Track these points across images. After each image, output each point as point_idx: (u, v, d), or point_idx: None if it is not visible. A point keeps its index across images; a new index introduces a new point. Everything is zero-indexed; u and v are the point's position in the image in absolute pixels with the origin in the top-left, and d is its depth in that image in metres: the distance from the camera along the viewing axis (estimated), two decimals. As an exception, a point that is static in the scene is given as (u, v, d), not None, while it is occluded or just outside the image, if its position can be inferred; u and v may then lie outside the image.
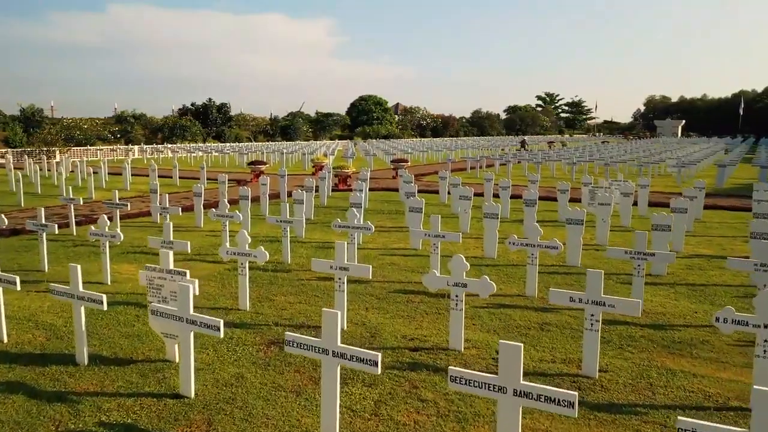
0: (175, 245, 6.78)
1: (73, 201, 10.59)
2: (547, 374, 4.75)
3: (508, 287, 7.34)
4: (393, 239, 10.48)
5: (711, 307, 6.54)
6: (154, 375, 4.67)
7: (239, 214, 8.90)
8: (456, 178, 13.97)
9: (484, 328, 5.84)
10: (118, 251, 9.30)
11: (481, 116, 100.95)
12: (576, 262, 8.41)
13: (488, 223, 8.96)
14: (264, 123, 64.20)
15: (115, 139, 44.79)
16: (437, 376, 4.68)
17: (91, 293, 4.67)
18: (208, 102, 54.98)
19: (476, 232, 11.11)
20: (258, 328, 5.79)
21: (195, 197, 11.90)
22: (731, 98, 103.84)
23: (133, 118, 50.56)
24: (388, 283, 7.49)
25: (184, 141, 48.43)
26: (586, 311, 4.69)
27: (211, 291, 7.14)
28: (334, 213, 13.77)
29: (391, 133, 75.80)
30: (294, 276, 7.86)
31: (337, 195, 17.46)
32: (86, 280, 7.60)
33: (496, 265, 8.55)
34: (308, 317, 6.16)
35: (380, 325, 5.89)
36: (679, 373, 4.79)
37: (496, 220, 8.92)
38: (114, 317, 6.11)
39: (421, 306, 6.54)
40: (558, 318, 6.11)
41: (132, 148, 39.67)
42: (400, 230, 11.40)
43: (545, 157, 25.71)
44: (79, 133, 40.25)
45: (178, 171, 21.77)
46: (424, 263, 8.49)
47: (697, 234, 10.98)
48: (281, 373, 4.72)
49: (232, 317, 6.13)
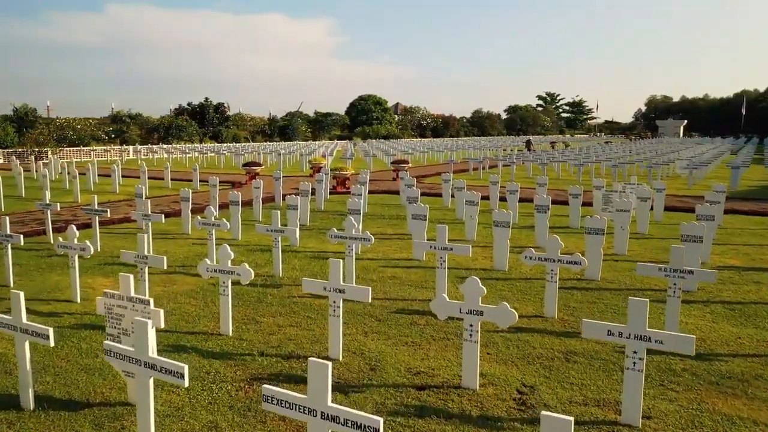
0: (150, 260, 6.03)
1: (49, 207, 9.81)
2: (580, 422, 3.98)
3: (523, 306, 6.57)
4: (394, 248, 9.71)
5: (755, 331, 5.78)
6: (111, 424, 3.90)
7: (226, 222, 8.13)
8: (461, 181, 13.20)
9: (500, 359, 5.07)
10: (95, 262, 8.54)
11: (482, 116, 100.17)
12: (596, 275, 7.65)
13: (499, 233, 8.20)
14: (262, 123, 63.39)
15: (109, 139, 43.95)
16: (449, 425, 3.91)
17: (36, 326, 3.90)
18: (205, 102, 54.12)
19: (483, 240, 10.34)
20: (240, 360, 5.02)
21: (182, 202, 11.13)
22: (733, 98, 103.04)
23: (129, 118, 49.76)
24: (389, 301, 6.72)
25: (180, 141, 47.64)
26: (628, 348, 3.92)
27: (191, 311, 6.37)
28: (331, 218, 13.00)
29: (391, 133, 75.02)
30: (285, 292, 7.09)
31: (335, 198, 16.69)
32: (53, 297, 6.88)
33: (508, 278, 7.79)
34: (299, 344, 5.39)
35: (381, 355, 5.13)
36: (736, 419, 4.02)
37: (507, 229, 8.16)
38: (75, 344, 5.34)
39: (427, 330, 5.78)
40: (584, 346, 5.34)
41: (126, 149, 38.87)
42: (402, 238, 10.63)
43: (550, 158, 24.94)
44: (72, 134, 39.39)
45: (170, 173, 20.98)
46: (429, 276, 7.73)
47: (721, 242, 10.21)
48: (262, 422, 3.95)
49: (211, 344, 5.36)
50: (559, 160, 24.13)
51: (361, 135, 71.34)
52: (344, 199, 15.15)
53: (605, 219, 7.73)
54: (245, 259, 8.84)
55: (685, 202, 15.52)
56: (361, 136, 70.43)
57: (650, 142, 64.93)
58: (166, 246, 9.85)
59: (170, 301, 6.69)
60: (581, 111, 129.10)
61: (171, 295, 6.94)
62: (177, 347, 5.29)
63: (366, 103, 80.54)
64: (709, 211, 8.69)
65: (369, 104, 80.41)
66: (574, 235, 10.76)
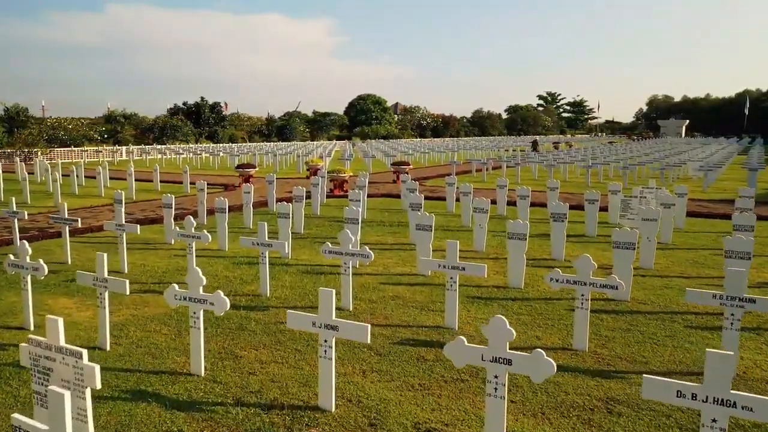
0: (110, 284, 5.12)
1: (16, 215, 8.90)
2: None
3: (547, 335, 5.67)
4: (396, 260, 8.81)
5: (826, 368, 4.88)
6: None
7: (207, 235, 7.22)
8: (466, 185, 12.30)
9: (528, 409, 4.17)
10: (61, 278, 7.63)
11: (483, 116, 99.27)
12: (626, 296, 6.75)
13: (514, 246, 7.29)
14: (260, 123, 62.40)
15: (102, 140, 42.94)
16: None
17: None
18: (201, 101, 53.06)
19: (493, 251, 9.44)
20: (210, 411, 4.11)
21: (164, 209, 10.21)
22: (735, 98, 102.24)
23: (124, 118, 48.77)
24: (391, 329, 5.82)
25: (175, 142, 46.69)
26: (705, 414, 3.02)
27: (160, 341, 5.46)
28: (327, 226, 12.09)
29: (391, 133, 74.11)
30: (272, 316, 6.18)
31: (332, 203, 15.78)
32: (4, 324, 5.95)
33: (526, 298, 6.89)
34: (284, 388, 4.48)
35: (383, 404, 4.23)
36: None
37: (524, 242, 7.25)
38: (13, 390, 4.42)
39: (436, 368, 4.87)
40: (627, 391, 4.44)
41: (119, 149, 37.92)
42: (404, 248, 9.72)
43: (556, 159, 24.03)
44: (63, 134, 38.34)
45: (159, 174, 20.06)
46: (436, 295, 6.83)
47: (756, 253, 9.31)
48: None
49: (178, 389, 4.45)
50: (566, 161, 23.21)
51: (361, 135, 70.44)
52: (342, 203, 14.25)
53: (636, 231, 6.84)
54: (230, 273, 7.94)
55: (704, 206, 14.62)
56: (360, 137, 69.52)
57: (654, 142, 64.05)
58: (145, 258, 8.94)
59: (138, 329, 5.78)
60: (582, 111, 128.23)
61: (140, 321, 6.03)
62: (136, 393, 4.37)
63: (365, 103, 79.55)
64: (749, 221, 7.79)
65: (368, 104, 79.42)
66: (592, 245, 9.86)
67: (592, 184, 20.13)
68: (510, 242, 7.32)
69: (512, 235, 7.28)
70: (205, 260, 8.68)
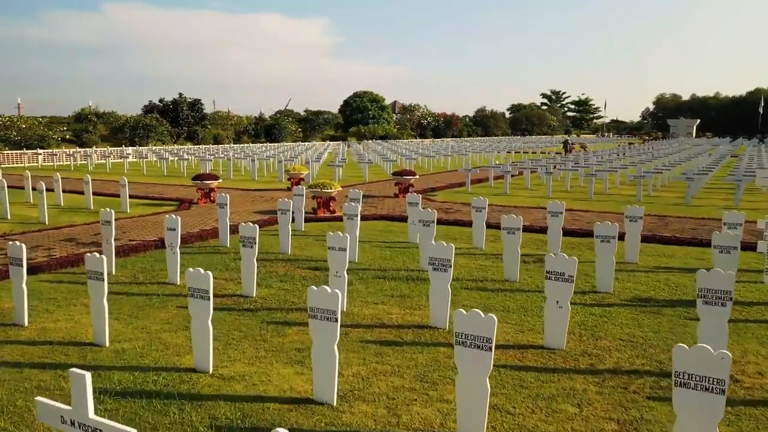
0: None
1: None
2: None
3: None
4: (407, 361, 4.58)
5: None
6: None
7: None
8: (513, 218, 8.05)
9: None
10: None
11: (486, 115, 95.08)
12: None
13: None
14: (248, 122, 57.96)
15: (63, 141, 38.44)
16: None
17: None
18: (179, 98, 48.44)
19: (579, 343, 5.24)
20: None
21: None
22: (747, 96, 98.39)
23: (96, 117, 44.28)
24: None
25: (149, 143, 42.30)
26: None
27: None
28: (303, 267, 7.78)
29: (389, 133, 69.78)
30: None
31: (312, 228, 11.54)
32: None
33: None
34: None
35: None
36: None
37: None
38: None
39: None
40: None
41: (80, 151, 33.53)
42: (422, 326, 5.49)
43: (595, 168, 19.87)
44: (16, 135, 33.83)
45: (100, 185, 15.75)
46: None
47: None
48: None
49: None
50: (606, 169, 19.03)
51: (356, 135, 66.17)
52: (326, 228, 10.01)
53: None
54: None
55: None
56: (356, 137, 65.27)
57: (668, 143, 59.98)
58: (46, 321, 4.70)
59: None
60: (587, 110, 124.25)
61: None
62: None
63: (361, 101, 74.90)
64: None
65: (364, 101, 74.79)
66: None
67: (651, 199, 15.94)
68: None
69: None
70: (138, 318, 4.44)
